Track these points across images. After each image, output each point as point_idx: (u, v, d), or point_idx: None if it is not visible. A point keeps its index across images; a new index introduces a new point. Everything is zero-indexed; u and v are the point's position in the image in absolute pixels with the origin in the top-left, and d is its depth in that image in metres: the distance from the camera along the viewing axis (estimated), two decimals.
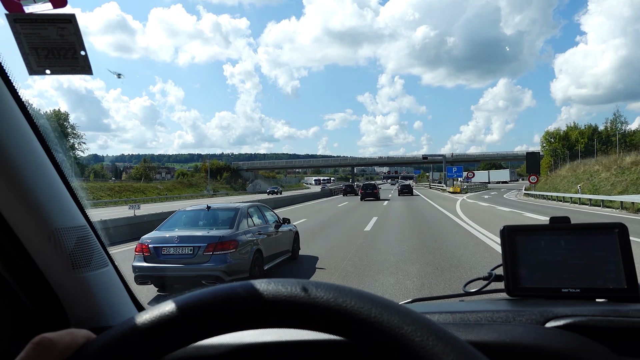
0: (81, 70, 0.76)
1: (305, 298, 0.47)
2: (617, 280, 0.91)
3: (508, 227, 0.99)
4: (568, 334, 0.73)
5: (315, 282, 0.50)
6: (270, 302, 0.48)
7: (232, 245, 6.32)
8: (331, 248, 10.76)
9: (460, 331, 0.73)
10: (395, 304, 0.48)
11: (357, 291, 0.48)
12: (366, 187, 37.12)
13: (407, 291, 6.40)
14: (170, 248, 6.31)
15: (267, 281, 0.50)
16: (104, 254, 0.93)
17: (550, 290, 0.94)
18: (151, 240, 6.47)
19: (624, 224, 0.95)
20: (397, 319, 0.45)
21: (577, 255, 0.94)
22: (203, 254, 6.19)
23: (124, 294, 0.98)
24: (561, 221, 0.97)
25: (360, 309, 0.46)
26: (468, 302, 1.03)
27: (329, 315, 0.47)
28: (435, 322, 0.46)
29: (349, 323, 0.46)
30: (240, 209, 7.30)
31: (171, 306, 0.49)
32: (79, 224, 0.88)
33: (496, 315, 0.80)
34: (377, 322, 0.45)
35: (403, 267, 8.21)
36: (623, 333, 0.75)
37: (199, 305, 0.49)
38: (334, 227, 15.79)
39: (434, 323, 0.46)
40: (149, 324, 0.49)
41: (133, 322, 0.49)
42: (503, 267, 0.98)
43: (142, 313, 0.50)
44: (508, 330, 0.72)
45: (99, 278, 0.89)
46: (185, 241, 6.33)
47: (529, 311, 0.80)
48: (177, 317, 0.48)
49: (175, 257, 6.27)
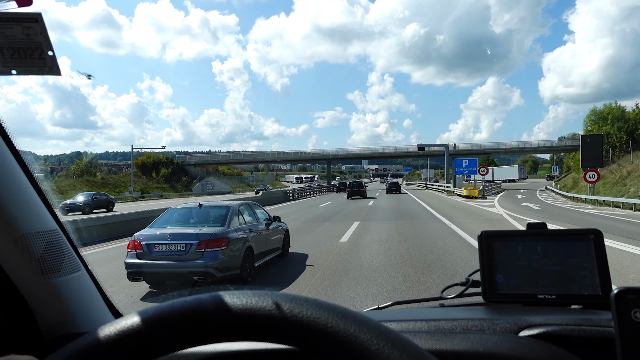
0: (49, 70, 0.74)
1: (266, 311, 0.48)
2: (592, 286, 0.92)
3: (486, 232, 0.99)
4: (541, 343, 0.73)
5: (272, 292, 0.50)
6: (236, 315, 0.48)
7: (223, 243, 6.45)
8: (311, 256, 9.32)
9: (434, 339, 0.73)
10: (352, 313, 0.48)
11: (314, 301, 0.49)
12: (353, 186, 36.39)
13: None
14: (162, 245, 6.42)
15: (232, 293, 0.50)
16: (76, 258, 0.91)
17: (526, 297, 0.94)
18: (144, 237, 6.58)
19: (599, 230, 0.94)
20: (353, 328, 0.45)
21: (553, 261, 0.95)
22: (195, 250, 6.31)
23: (98, 298, 0.95)
24: (538, 227, 0.98)
25: (317, 319, 0.46)
26: (445, 309, 1.05)
27: (288, 326, 0.47)
28: (393, 330, 0.47)
29: (307, 334, 0.46)
30: (232, 206, 7.43)
31: (138, 318, 0.49)
32: (49, 228, 0.85)
33: (470, 324, 0.80)
34: (334, 332, 0.45)
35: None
36: (595, 342, 0.75)
37: (168, 318, 0.48)
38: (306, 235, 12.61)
39: (391, 331, 0.46)
40: (113, 338, 0.48)
41: (93, 336, 0.48)
42: (480, 272, 0.99)
43: (104, 326, 0.50)
44: (482, 340, 0.72)
45: (71, 283, 0.87)
46: (177, 238, 6.45)
47: (503, 320, 0.80)
48: (143, 330, 0.48)
49: (167, 254, 6.38)
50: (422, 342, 0.73)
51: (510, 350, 0.70)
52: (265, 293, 0.50)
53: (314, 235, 12.88)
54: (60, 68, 0.76)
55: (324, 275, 7.37)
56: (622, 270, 7.38)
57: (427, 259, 8.68)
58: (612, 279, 0.93)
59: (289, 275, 7.46)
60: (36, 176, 0.85)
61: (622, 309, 0.61)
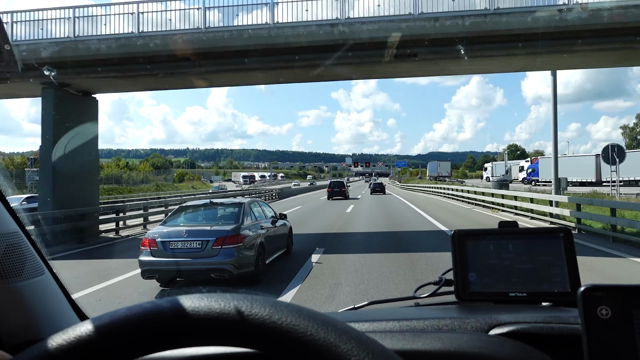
0: (5, 66, 0.70)
1: (239, 316, 0.46)
2: (562, 284, 0.93)
3: (458, 231, 1.01)
4: (511, 341, 0.74)
5: (250, 296, 0.48)
6: (201, 321, 0.46)
7: (239, 240, 6.49)
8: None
9: (406, 340, 0.74)
10: (333, 321, 0.46)
11: (294, 307, 0.47)
12: (333, 186, 33.15)
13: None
14: (178, 242, 6.42)
15: (200, 296, 0.48)
16: (39, 261, 0.88)
17: (498, 295, 0.96)
18: (158, 235, 6.57)
19: (569, 228, 0.98)
20: (334, 337, 0.44)
21: (524, 259, 0.96)
22: (212, 247, 6.33)
23: (64, 303, 0.93)
24: (509, 225, 1.00)
25: (296, 327, 0.45)
26: (418, 308, 1.05)
27: (264, 333, 0.45)
28: (373, 339, 0.46)
29: (284, 341, 0.45)
30: (244, 204, 7.47)
31: (90, 327, 0.47)
32: (9, 231, 0.83)
33: (442, 323, 0.81)
34: (313, 340, 0.44)
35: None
36: (563, 340, 0.76)
37: (122, 326, 0.47)
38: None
39: (372, 341, 0.45)
40: (62, 348, 0.46)
41: (43, 347, 0.47)
42: (453, 271, 1.00)
43: (61, 333, 0.48)
44: (453, 339, 0.73)
45: (34, 287, 0.84)
46: (193, 235, 6.46)
47: (474, 318, 0.81)
48: (95, 339, 0.46)
49: (183, 251, 6.38)
50: (394, 342, 0.74)
51: (481, 349, 0.71)
52: (242, 297, 0.48)
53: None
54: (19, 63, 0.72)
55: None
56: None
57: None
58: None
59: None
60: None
61: (588, 306, 0.61)
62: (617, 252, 9.02)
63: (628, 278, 6.92)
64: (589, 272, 7.08)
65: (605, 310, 0.61)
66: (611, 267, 7.94)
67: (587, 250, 9.21)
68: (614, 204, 11.79)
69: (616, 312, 0.60)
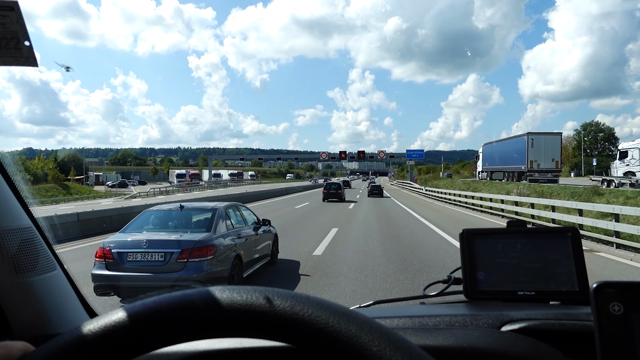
0: (25, 61, 0.72)
1: (262, 307, 0.46)
2: (569, 283, 0.94)
3: (467, 230, 1.00)
4: (523, 337, 0.75)
5: (271, 289, 0.48)
6: (227, 311, 0.46)
7: (209, 251, 5.56)
8: None
9: (418, 336, 0.74)
10: (354, 313, 0.46)
11: (315, 299, 0.47)
12: (329, 187, 31.04)
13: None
14: (137, 254, 5.49)
15: (222, 288, 0.48)
16: (51, 256, 0.88)
17: (506, 293, 0.96)
18: (115, 245, 5.62)
19: (577, 228, 0.98)
20: (355, 328, 0.44)
21: (532, 258, 0.97)
22: (176, 261, 5.40)
23: (74, 299, 0.92)
24: (518, 225, 1.00)
25: (318, 318, 0.45)
26: (428, 306, 1.03)
27: (286, 324, 0.45)
28: (394, 331, 0.46)
29: (306, 332, 0.45)
30: (218, 209, 6.53)
31: (122, 315, 0.46)
32: (23, 226, 0.83)
33: (454, 320, 0.80)
34: (334, 332, 0.44)
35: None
36: (575, 336, 0.77)
37: (153, 315, 0.46)
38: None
39: (392, 332, 0.45)
40: (97, 334, 0.46)
41: (78, 332, 0.47)
42: (462, 270, 1.00)
43: (88, 322, 0.47)
44: (465, 335, 0.73)
45: (46, 283, 0.84)
46: (155, 246, 5.51)
47: (486, 315, 0.81)
48: (127, 327, 0.46)
49: (143, 265, 5.45)
50: (407, 338, 0.66)
51: (494, 345, 0.71)
52: (263, 290, 0.48)
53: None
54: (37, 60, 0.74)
55: None
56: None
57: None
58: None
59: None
60: (9, 172, 0.83)
61: (600, 303, 0.61)
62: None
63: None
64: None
65: (617, 307, 0.61)
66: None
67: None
68: None
69: (628, 309, 0.61)
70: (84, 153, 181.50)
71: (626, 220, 10.76)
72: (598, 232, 11.27)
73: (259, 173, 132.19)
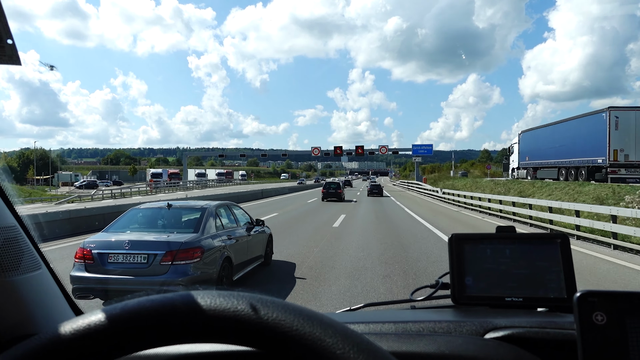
0: (8, 60, 0.71)
1: (227, 312, 0.45)
2: (558, 290, 0.93)
3: (456, 235, 1.00)
4: (505, 345, 0.74)
5: (236, 293, 0.48)
6: (193, 316, 0.46)
7: (196, 254, 5.21)
8: None
9: (401, 342, 0.73)
10: (319, 316, 0.46)
11: (280, 302, 0.47)
12: (328, 187, 30.65)
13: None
14: (119, 255, 5.13)
15: (194, 294, 0.48)
16: (36, 255, 0.86)
17: (494, 299, 0.95)
18: (95, 245, 5.26)
19: (566, 235, 0.97)
20: (319, 331, 0.44)
21: (521, 264, 0.96)
22: (160, 263, 5.04)
23: (60, 298, 0.90)
24: (507, 230, 0.99)
25: (282, 321, 0.44)
26: (414, 311, 1.02)
27: (249, 328, 0.45)
28: (360, 334, 0.45)
29: (270, 336, 0.44)
30: (208, 208, 6.18)
31: (101, 316, 0.46)
32: (7, 224, 0.81)
33: (438, 326, 0.80)
34: (299, 335, 0.44)
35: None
36: (558, 345, 0.75)
37: (132, 318, 0.46)
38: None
39: (358, 335, 0.45)
40: (74, 335, 0.45)
41: (54, 332, 0.46)
42: (450, 275, 0.99)
43: (65, 323, 0.47)
44: (448, 342, 0.72)
45: (30, 282, 0.82)
46: (138, 247, 5.16)
47: (470, 322, 0.80)
48: (106, 329, 0.45)
49: (125, 267, 5.09)
50: (390, 343, 0.73)
51: (476, 352, 0.70)
52: (231, 294, 0.48)
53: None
54: (22, 59, 0.73)
55: None
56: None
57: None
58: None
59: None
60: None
61: (584, 312, 0.60)
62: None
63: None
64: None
65: (600, 316, 0.60)
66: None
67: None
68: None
69: (611, 319, 0.60)
70: (82, 153, 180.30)
71: None
72: None
73: (252, 173, 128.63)
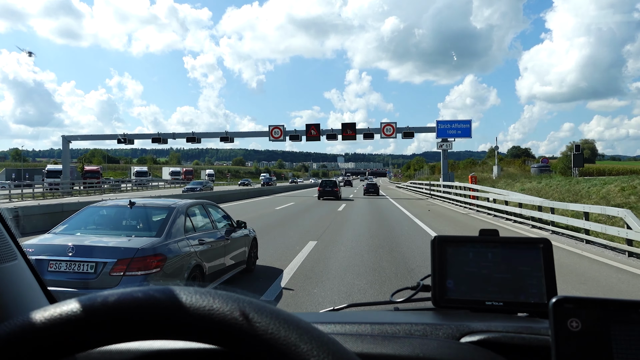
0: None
1: (200, 310, 0.45)
2: (538, 295, 0.92)
3: (439, 237, 0.99)
4: (480, 350, 0.74)
5: (213, 291, 0.47)
6: (171, 314, 0.45)
7: (155, 262, 4.33)
8: None
9: (377, 343, 0.73)
10: (296, 320, 0.45)
11: (257, 304, 0.46)
12: (325, 185, 30.95)
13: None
14: (61, 262, 4.25)
15: (183, 290, 0.47)
16: (12, 245, 0.85)
17: (474, 303, 0.95)
18: (35, 250, 4.37)
19: (549, 239, 0.94)
20: (295, 337, 0.43)
21: (503, 268, 0.95)
22: (110, 274, 4.16)
23: (36, 290, 0.88)
24: (490, 233, 0.98)
25: (257, 324, 0.44)
26: (394, 313, 1.01)
27: (221, 329, 0.44)
28: (338, 341, 0.45)
29: (244, 338, 0.43)
30: (177, 207, 5.29)
31: (75, 306, 0.45)
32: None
33: (414, 328, 0.80)
34: (272, 339, 0.43)
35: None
36: (533, 350, 0.75)
37: (111, 309, 0.45)
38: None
39: (335, 342, 0.44)
40: (45, 324, 0.45)
41: (25, 320, 0.45)
42: (431, 277, 0.98)
43: (38, 311, 0.46)
44: (423, 344, 0.72)
45: (5, 272, 0.81)
46: (84, 254, 4.27)
47: (447, 325, 0.80)
48: (81, 319, 0.44)
49: (68, 277, 4.20)
50: (366, 345, 0.73)
51: (450, 356, 0.70)
52: (206, 291, 0.47)
53: None
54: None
55: None
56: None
57: None
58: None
59: None
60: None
61: (558, 318, 0.60)
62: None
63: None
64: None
65: (575, 323, 0.60)
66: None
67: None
68: None
69: (586, 325, 0.60)
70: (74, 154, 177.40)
71: None
72: None
73: (229, 172, 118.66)
